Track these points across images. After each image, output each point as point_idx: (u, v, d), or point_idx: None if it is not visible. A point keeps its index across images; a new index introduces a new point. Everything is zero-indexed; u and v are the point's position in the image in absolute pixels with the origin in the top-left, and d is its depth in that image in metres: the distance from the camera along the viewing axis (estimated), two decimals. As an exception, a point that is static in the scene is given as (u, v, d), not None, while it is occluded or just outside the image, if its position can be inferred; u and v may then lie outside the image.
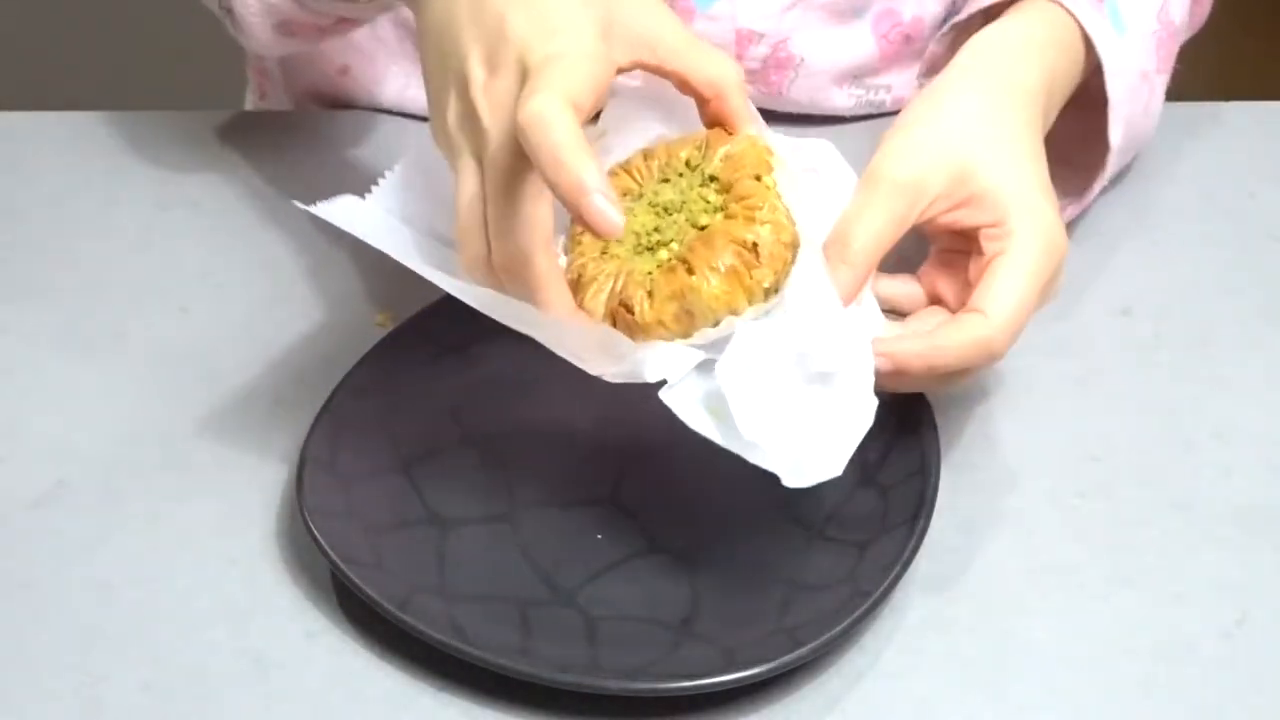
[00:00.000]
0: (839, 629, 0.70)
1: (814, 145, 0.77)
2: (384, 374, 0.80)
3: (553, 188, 0.66)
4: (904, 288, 0.81)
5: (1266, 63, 2.32)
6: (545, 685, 0.69)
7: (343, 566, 0.71)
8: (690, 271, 0.70)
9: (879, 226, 0.75)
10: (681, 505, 0.77)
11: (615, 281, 0.72)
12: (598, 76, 0.68)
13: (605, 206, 0.65)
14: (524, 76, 0.68)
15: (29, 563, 0.76)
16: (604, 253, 0.73)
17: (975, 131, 0.79)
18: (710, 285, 0.70)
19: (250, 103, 1.14)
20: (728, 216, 0.71)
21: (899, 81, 1.03)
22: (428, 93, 0.73)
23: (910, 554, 0.72)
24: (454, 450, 0.79)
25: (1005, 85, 0.81)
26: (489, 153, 0.69)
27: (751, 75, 1.00)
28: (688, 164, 0.74)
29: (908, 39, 1.01)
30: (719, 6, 0.98)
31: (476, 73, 0.70)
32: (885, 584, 0.71)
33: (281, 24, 0.89)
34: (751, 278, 0.71)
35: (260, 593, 0.74)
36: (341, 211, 0.75)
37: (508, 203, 0.68)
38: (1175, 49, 0.92)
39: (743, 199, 0.72)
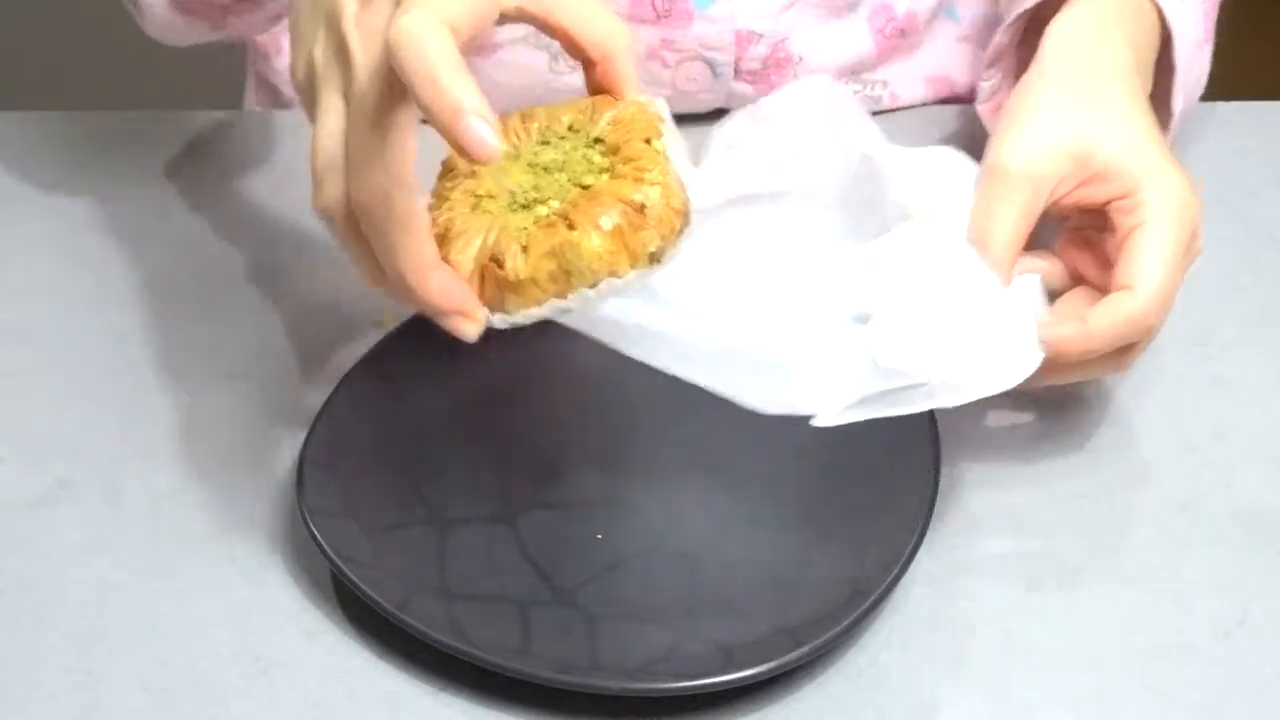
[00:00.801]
0: (839, 629, 0.70)
1: (932, 152, 0.77)
2: (384, 374, 0.80)
3: (425, 108, 0.62)
4: (1047, 265, 0.80)
5: (1266, 63, 2.32)
6: (545, 685, 0.69)
7: (343, 566, 0.71)
8: (571, 227, 0.67)
9: (1013, 222, 0.76)
10: (681, 505, 0.77)
11: (487, 235, 0.68)
12: (479, 3, 0.65)
13: (482, 128, 0.61)
14: (397, 6, 0.64)
15: (29, 563, 0.76)
16: (475, 208, 0.69)
17: (1085, 112, 0.79)
18: (593, 242, 0.67)
19: (250, 103, 1.14)
20: (615, 177, 0.69)
21: (895, 76, 1.03)
22: (292, 36, 0.70)
23: (911, 553, 0.72)
24: (454, 450, 0.79)
25: (1099, 64, 0.81)
26: (356, 84, 0.65)
27: (752, 75, 1.00)
28: (570, 128, 0.72)
29: (903, 33, 1.01)
30: (718, 8, 0.98)
31: (348, 4, 0.66)
32: (885, 584, 0.71)
33: (178, 5, 0.85)
34: (637, 239, 0.67)
35: (260, 593, 0.74)
36: None
37: (371, 135, 0.64)
38: (1215, 21, 0.93)
39: (631, 160, 0.69)
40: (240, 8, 0.89)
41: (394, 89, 0.64)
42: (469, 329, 0.68)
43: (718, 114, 1.01)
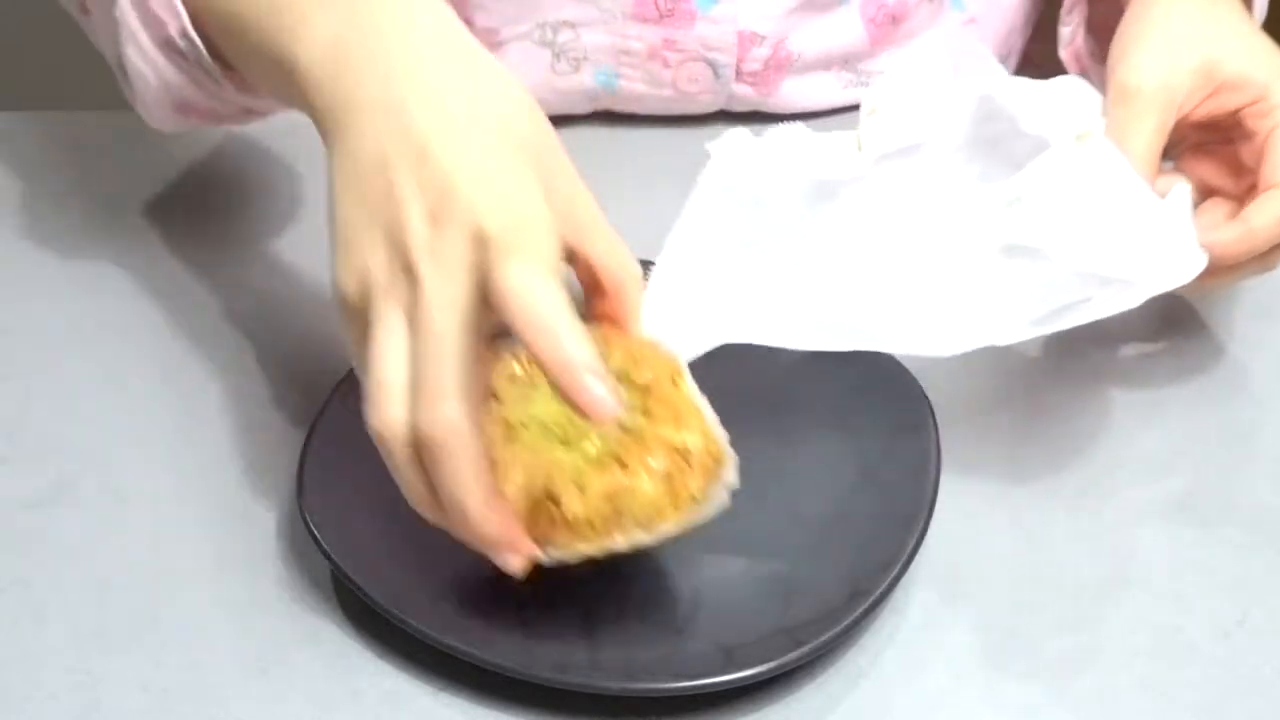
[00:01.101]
0: (839, 629, 0.70)
1: (1056, 83, 0.79)
2: None
3: (543, 361, 0.63)
4: (1170, 183, 0.81)
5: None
6: (545, 685, 0.69)
7: (343, 566, 0.71)
8: (626, 471, 0.68)
9: (1149, 139, 0.80)
10: None
11: (533, 470, 0.68)
12: (558, 246, 0.66)
13: (600, 389, 0.63)
14: (477, 240, 0.65)
15: (29, 562, 0.76)
16: (510, 437, 0.70)
17: (1203, 28, 0.83)
18: (648, 489, 0.68)
19: None
20: (652, 419, 0.70)
21: (891, 65, 1.03)
22: (336, 228, 0.69)
23: (910, 554, 0.72)
24: None
25: None
26: (426, 312, 0.65)
27: (753, 76, 1.00)
28: None
29: (894, 19, 1.01)
30: (720, 9, 0.98)
31: (417, 226, 0.66)
32: (885, 584, 0.71)
33: (180, 104, 0.83)
34: (684, 485, 0.69)
35: (260, 593, 0.74)
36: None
37: (440, 368, 0.64)
38: None
39: (665, 403, 0.70)
40: (239, 117, 0.86)
41: (471, 324, 0.65)
42: (518, 564, 0.68)
43: (719, 115, 1.02)
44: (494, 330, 0.68)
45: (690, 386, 0.72)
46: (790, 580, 0.73)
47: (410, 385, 0.65)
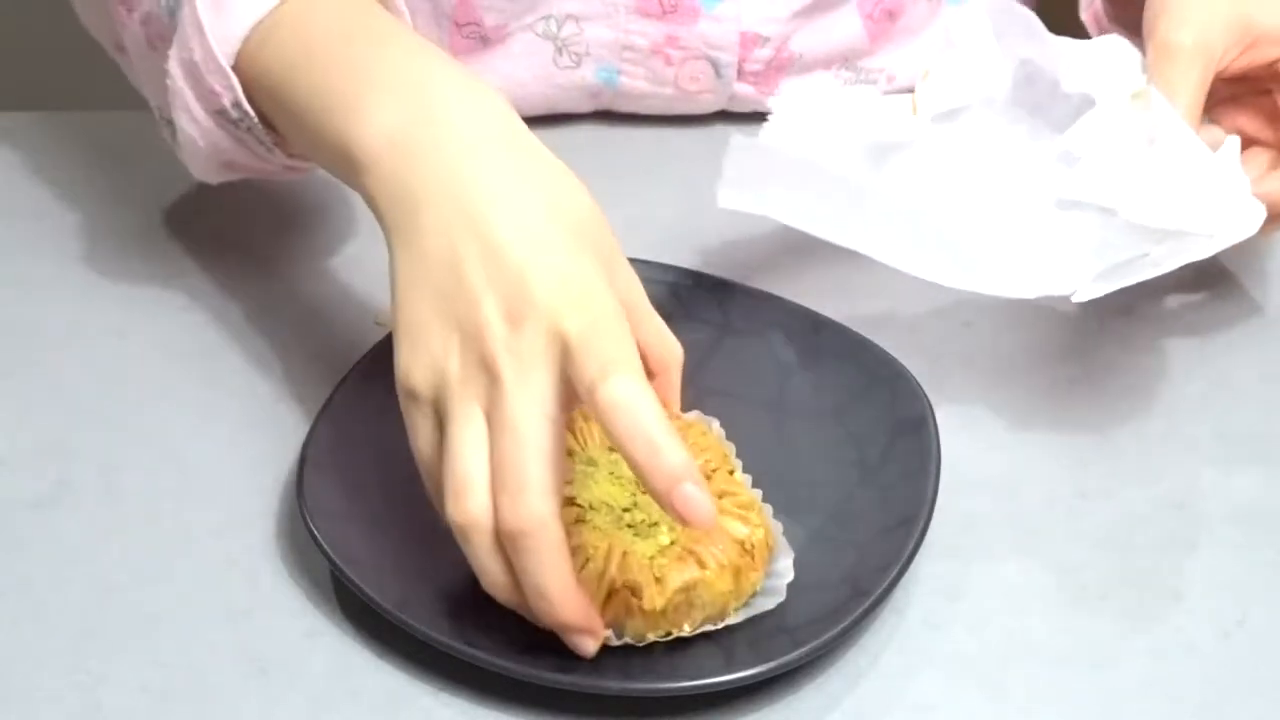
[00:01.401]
0: (839, 629, 0.70)
1: (1096, 42, 0.83)
2: (384, 374, 0.80)
3: (642, 472, 0.65)
4: (1213, 136, 0.83)
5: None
6: (545, 685, 0.69)
7: (343, 566, 0.71)
8: (702, 565, 0.70)
9: (1191, 94, 0.81)
10: None
11: (608, 557, 0.69)
12: (634, 345, 0.67)
13: (698, 496, 0.64)
14: (555, 338, 0.66)
15: (29, 563, 0.76)
16: (579, 520, 0.71)
17: None
18: (722, 583, 0.70)
19: None
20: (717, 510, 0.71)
21: (892, 62, 1.03)
22: (403, 321, 0.70)
23: (910, 554, 0.72)
24: None
25: None
26: (510, 408, 0.66)
27: (755, 77, 1.00)
28: None
29: (890, 15, 1.01)
30: (724, 7, 0.98)
31: (496, 324, 0.67)
32: (885, 584, 0.71)
33: (226, 163, 0.84)
34: (748, 579, 0.71)
35: (260, 593, 0.74)
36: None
37: (525, 462, 0.66)
38: None
39: (727, 495, 0.72)
40: (283, 174, 0.85)
41: (553, 419, 0.66)
42: (591, 646, 0.69)
43: (720, 115, 1.02)
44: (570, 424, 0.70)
45: (742, 475, 0.75)
46: (791, 580, 0.73)
47: (491, 480, 0.67)
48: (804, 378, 0.81)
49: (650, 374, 0.72)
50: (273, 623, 0.73)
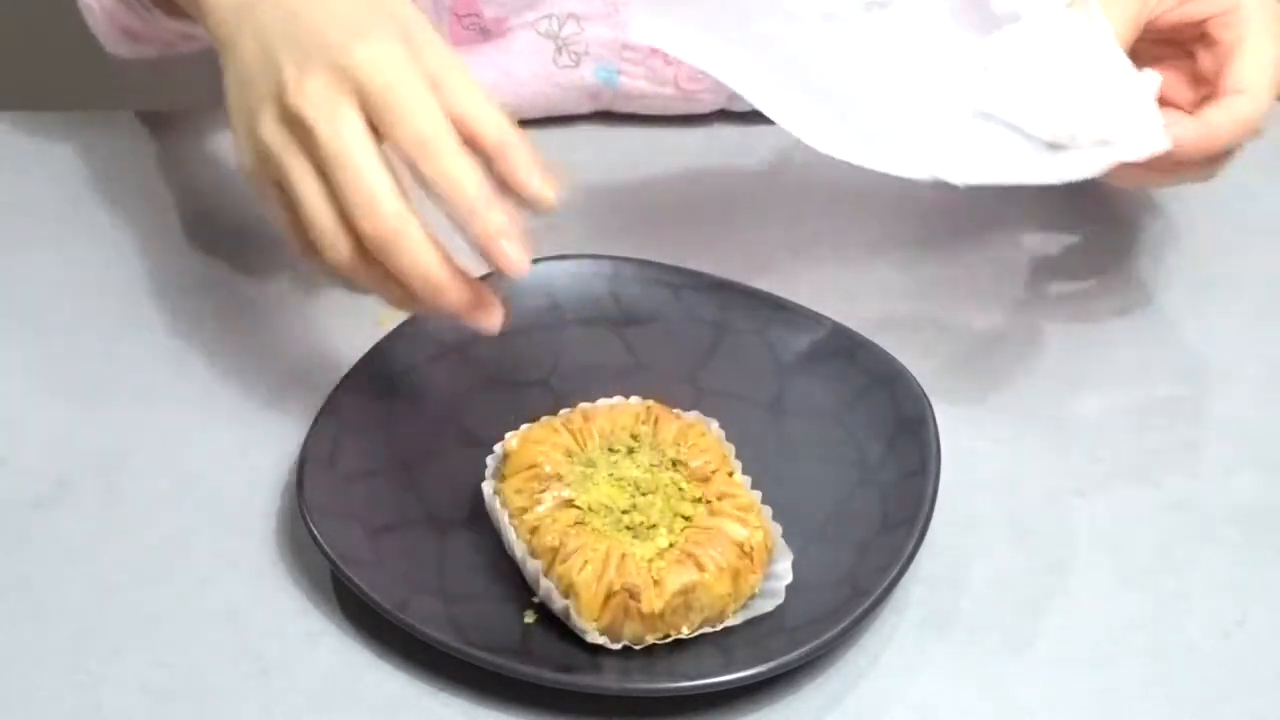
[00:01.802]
0: (839, 629, 0.70)
1: None
2: (384, 374, 0.80)
3: (465, 225, 0.70)
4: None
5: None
6: (545, 685, 0.69)
7: (343, 567, 0.71)
8: (700, 567, 0.70)
9: (1122, 29, 0.81)
10: None
11: (607, 559, 0.70)
12: (422, 76, 0.71)
13: (515, 249, 0.69)
14: (345, 77, 0.71)
15: (29, 563, 0.76)
16: (578, 523, 0.71)
17: None
18: (721, 585, 0.70)
19: None
20: (712, 512, 0.72)
21: None
22: (232, 123, 0.75)
23: (910, 554, 0.72)
24: (453, 451, 0.79)
25: None
26: (326, 144, 0.70)
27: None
28: (634, 436, 0.75)
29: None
30: None
31: (292, 80, 0.71)
32: (885, 584, 0.71)
33: (126, 30, 0.91)
34: (746, 581, 0.71)
35: (260, 593, 0.74)
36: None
37: (362, 179, 0.70)
38: None
39: (725, 497, 0.72)
40: (182, 44, 0.92)
41: (364, 140, 0.70)
42: (494, 320, 0.72)
43: (719, 115, 1.01)
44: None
45: (742, 477, 0.74)
46: (791, 581, 0.73)
47: (340, 214, 0.71)
48: (804, 378, 0.81)
49: (489, 158, 0.73)
50: (273, 623, 0.73)
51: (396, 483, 0.77)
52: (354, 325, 0.86)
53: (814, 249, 0.84)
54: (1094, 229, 0.94)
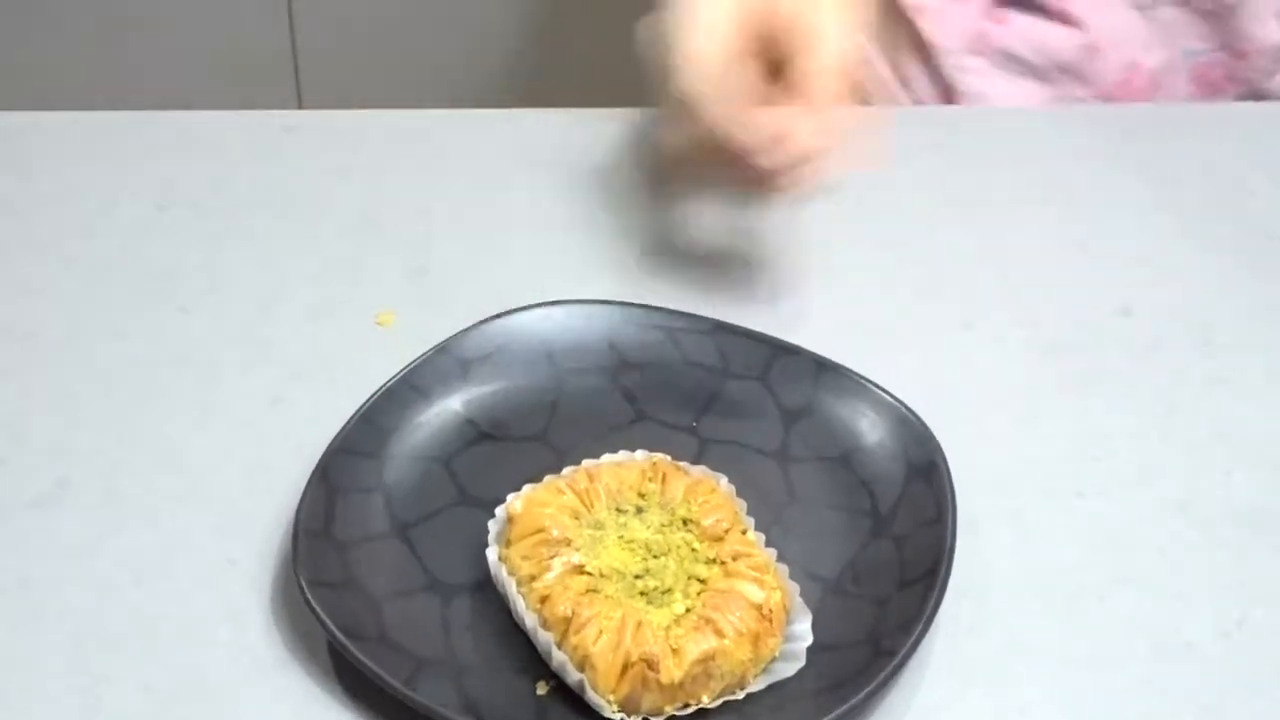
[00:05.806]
0: (864, 694, 0.67)
1: None
2: (376, 432, 0.78)
3: None
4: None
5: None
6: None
7: (345, 641, 0.69)
8: (720, 634, 0.68)
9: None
10: None
11: (625, 631, 0.67)
12: None
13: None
14: None
15: (29, 562, 0.76)
16: (591, 590, 0.69)
17: None
18: (741, 652, 0.68)
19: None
20: (727, 573, 0.70)
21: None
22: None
23: (932, 611, 0.70)
24: (451, 511, 0.76)
25: None
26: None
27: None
28: (641, 494, 0.73)
29: None
30: None
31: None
32: (909, 644, 0.69)
33: None
34: (766, 645, 0.69)
35: (260, 593, 0.74)
36: None
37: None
38: None
39: (739, 556, 0.70)
40: None
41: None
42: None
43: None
44: None
45: (755, 534, 0.72)
46: (810, 644, 0.71)
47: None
48: (808, 423, 0.79)
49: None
50: (273, 623, 0.73)
51: (393, 547, 0.74)
52: (354, 325, 0.86)
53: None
54: (1091, 231, 0.94)
